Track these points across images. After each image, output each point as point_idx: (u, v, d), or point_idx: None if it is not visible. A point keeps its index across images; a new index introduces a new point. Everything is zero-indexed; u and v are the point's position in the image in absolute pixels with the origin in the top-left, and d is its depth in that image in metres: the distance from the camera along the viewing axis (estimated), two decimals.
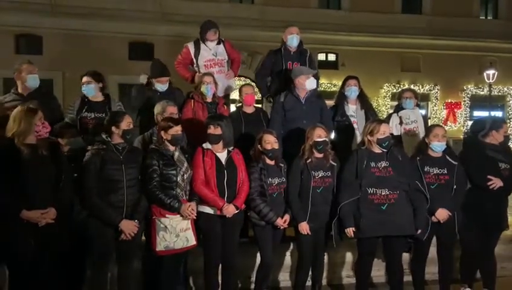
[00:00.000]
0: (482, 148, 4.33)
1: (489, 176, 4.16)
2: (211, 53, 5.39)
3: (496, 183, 4.16)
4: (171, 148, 3.81)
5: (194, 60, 5.42)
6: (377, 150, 3.93)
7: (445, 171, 4.06)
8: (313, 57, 5.65)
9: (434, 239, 4.26)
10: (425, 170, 4.09)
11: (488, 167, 4.20)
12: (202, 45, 5.40)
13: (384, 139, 3.89)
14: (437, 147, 4.10)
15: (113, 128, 3.68)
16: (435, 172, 4.08)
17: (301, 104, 4.80)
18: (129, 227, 3.61)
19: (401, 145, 4.95)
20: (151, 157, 3.74)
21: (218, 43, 5.44)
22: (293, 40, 5.39)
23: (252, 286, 4.39)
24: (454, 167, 4.07)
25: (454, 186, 4.04)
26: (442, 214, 4.03)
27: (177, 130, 3.79)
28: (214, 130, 3.90)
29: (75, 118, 4.48)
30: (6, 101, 4.38)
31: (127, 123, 3.69)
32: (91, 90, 4.52)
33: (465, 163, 4.20)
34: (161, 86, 4.91)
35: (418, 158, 4.16)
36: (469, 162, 4.23)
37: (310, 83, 4.77)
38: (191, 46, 5.45)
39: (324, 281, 4.55)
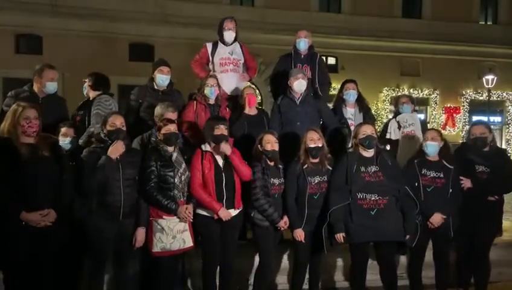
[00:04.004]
0: (462, 150, 4.48)
1: (460, 177, 4.22)
2: (227, 51, 5.40)
3: (464, 183, 4.22)
4: (170, 149, 3.82)
5: (210, 58, 5.44)
6: (365, 153, 3.94)
7: (442, 175, 4.10)
8: (323, 61, 5.65)
9: (431, 243, 4.27)
10: (423, 172, 4.14)
11: (463, 168, 4.24)
12: (220, 44, 5.44)
13: (364, 139, 3.90)
14: (428, 147, 4.15)
15: (103, 127, 3.72)
16: (431, 175, 4.12)
17: (296, 106, 4.80)
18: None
19: (391, 151, 5.00)
20: (149, 158, 3.75)
21: (235, 41, 5.45)
22: (300, 43, 5.40)
23: (250, 288, 4.39)
24: (450, 171, 4.10)
25: (450, 190, 4.07)
26: (436, 218, 4.05)
27: (168, 128, 3.80)
28: (224, 130, 3.91)
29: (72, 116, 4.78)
30: (20, 97, 4.30)
31: (110, 123, 3.69)
32: (83, 88, 4.91)
33: None
34: (162, 77, 4.89)
35: (415, 161, 4.20)
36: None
37: (297, 85, 4.76)
38: (209, 45, 5.49)
39: (319, 285, 4.53)
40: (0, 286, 3.34)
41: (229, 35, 5.39)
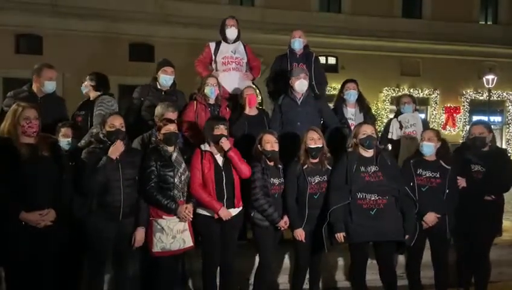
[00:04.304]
0: (462, 149, 4.52)
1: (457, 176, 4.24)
2: (230, 50, 5.42)
3: (459, 182, 4.24)
4: (169, 148, 3.82)
5: (213, 57, 5.45)
6: (365, 153, 3.94)
7: (438, 175, 4.12)
8: (319, 60, 5.66)
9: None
10: (418, 172, 4.15)
11: (459, 168, 4.26)
12: (223, 43, 5.47)
13: (365, 139, 3.89)
14: (424, 147, 4.17)
15: (101, 128, 3.71)
16: (427, 175, 4.14)
17: (297, 106, 4.80)
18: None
19: (393, 150, 5.00)
20: (149, 158, 3.75)
21: (237, 40, 5.47)
22: (294, 43, 5.43)
23: (251, 288, 4.39)
24: (447, 171, 4.12)
25: (447, 191, 4.08)
26: (430, 217, 4.06)
27: (168, 128, 3.80)
28: (224, 130, 3.92)
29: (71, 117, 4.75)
30: (19, 97, 4.30)
31: (109, 124, 3.68)
32: (83, 87, 4.92)
33: None
34: (166, 77, 4.88)
35: (411, 161, 4.22)
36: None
37: (299, 85, 4.75)
38: (212, 44, 5.51)
39: (320, 285, 4.53)
40: (2, 283, 3.34)
41: (231, 32, 5.41)
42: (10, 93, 4.49)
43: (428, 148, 4.17)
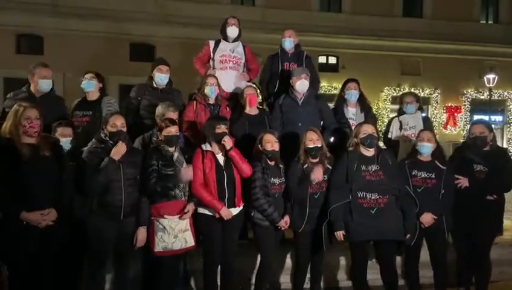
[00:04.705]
0: (462, 149, 4.50)
1: (456, 175, 4.22)
2: (228, 48, 5.43)
3: (462, 182, 4.23)
4: (171, 149, 3.83)
5: (212, 55, 5.45)
6: (366, 152, 3.94)
7: (433, 176, 4.11)
8: (311, 59, 5.66)
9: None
10: (413, 173, 4.15)
11: (461, 167, 4.26)
12: (222, 42, 5.48)
13: (365, 138, 3.89)
14: (424, 148, 4.17)
15: (103, 127, 3.72)
16: (422, 176, 4.13)
17: (298, 106, 4.79)
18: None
19: (392, 150, 5.00)
20: (151, 157, 3.76)
21: (237, 39, 5.48)
22: (285, 43, 5.46)
23: (252, 288, 4.39)
24: (443, 172, 4.11)
25: (442, 191, 4.07)
26: (426, 218, 4.06)
27: (169, 130, 3.80)
28: (225, 130, 3.93)
29: (70, 116, 4.61)
30: (18, 98, 4.30)
31: (111, 124, 3.68)
32: (91, 85, 4.67)
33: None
34: (161, 76, 4.90)
35: (406, 162, 4.22)
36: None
37: (300, 85, 4.74)
38: (211, 42, 5.52)
39: (322, 284, 4.53)
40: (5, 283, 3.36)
41: (232, 30, 5.41)
42: (10, 94, 4.50)
43: (427, 149, 4.16)
